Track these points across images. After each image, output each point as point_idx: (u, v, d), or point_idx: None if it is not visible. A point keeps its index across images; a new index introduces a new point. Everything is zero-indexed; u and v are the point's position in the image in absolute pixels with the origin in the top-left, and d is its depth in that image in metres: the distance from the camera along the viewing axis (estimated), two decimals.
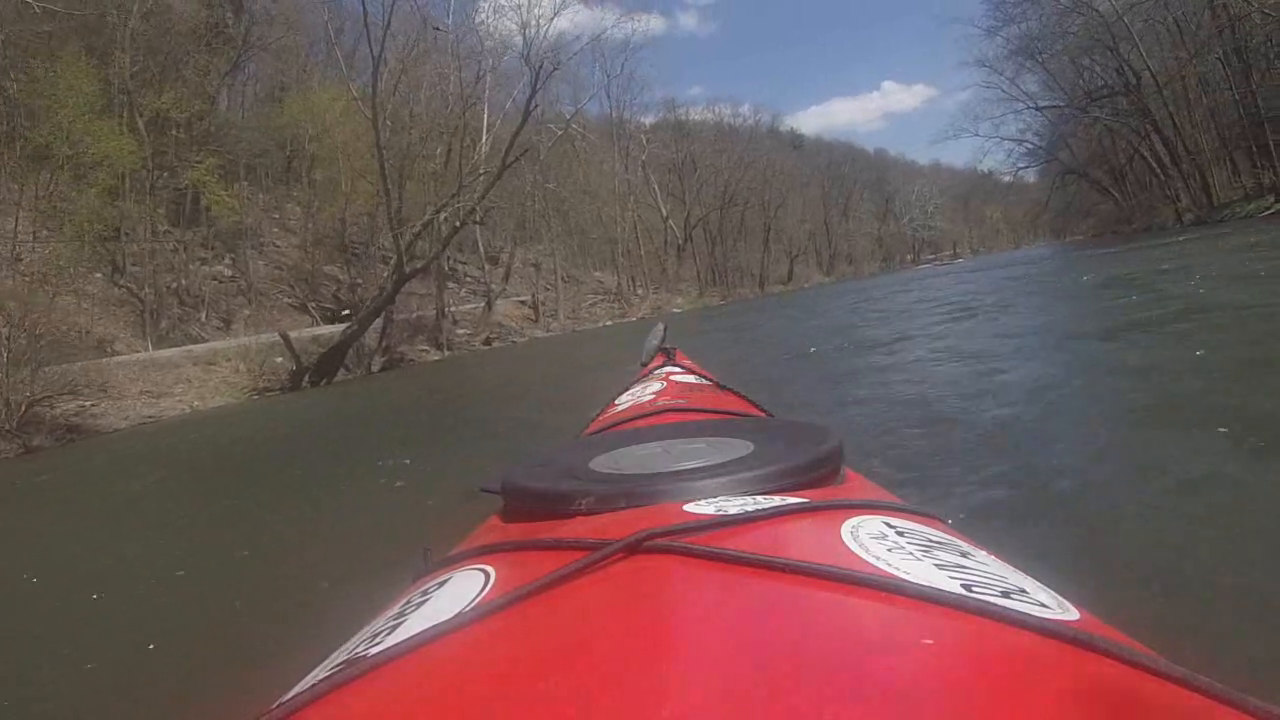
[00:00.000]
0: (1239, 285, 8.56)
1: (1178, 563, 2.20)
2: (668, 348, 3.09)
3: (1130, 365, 5.15)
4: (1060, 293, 13.24)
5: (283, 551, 4.33)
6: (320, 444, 9.11)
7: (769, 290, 68.09)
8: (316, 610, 2.98)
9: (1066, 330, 8.03)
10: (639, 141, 65.62)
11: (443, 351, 29.30)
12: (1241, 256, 12.34)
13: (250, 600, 3.47)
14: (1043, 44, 48.15)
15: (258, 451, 9.58)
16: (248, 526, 5.08)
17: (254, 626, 3.07)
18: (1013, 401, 4.70)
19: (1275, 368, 4.41)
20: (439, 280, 32.09)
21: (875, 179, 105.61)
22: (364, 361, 23.37)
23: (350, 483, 5.93)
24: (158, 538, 5.25)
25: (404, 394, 14.95)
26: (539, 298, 41.73)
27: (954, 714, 0.41)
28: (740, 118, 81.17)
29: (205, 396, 18.88)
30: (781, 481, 0.89)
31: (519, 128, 25.96)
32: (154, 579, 4.00)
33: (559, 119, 44.56)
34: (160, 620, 3.32)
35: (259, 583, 3.76)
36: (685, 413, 1.66)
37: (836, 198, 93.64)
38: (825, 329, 13.62)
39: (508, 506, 1.04)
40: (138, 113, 30.43)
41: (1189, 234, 26.52)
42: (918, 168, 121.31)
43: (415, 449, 7.08)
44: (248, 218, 36.32)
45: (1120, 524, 2.58)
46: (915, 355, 7.71)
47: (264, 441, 10.43)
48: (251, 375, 20.33)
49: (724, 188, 69.40)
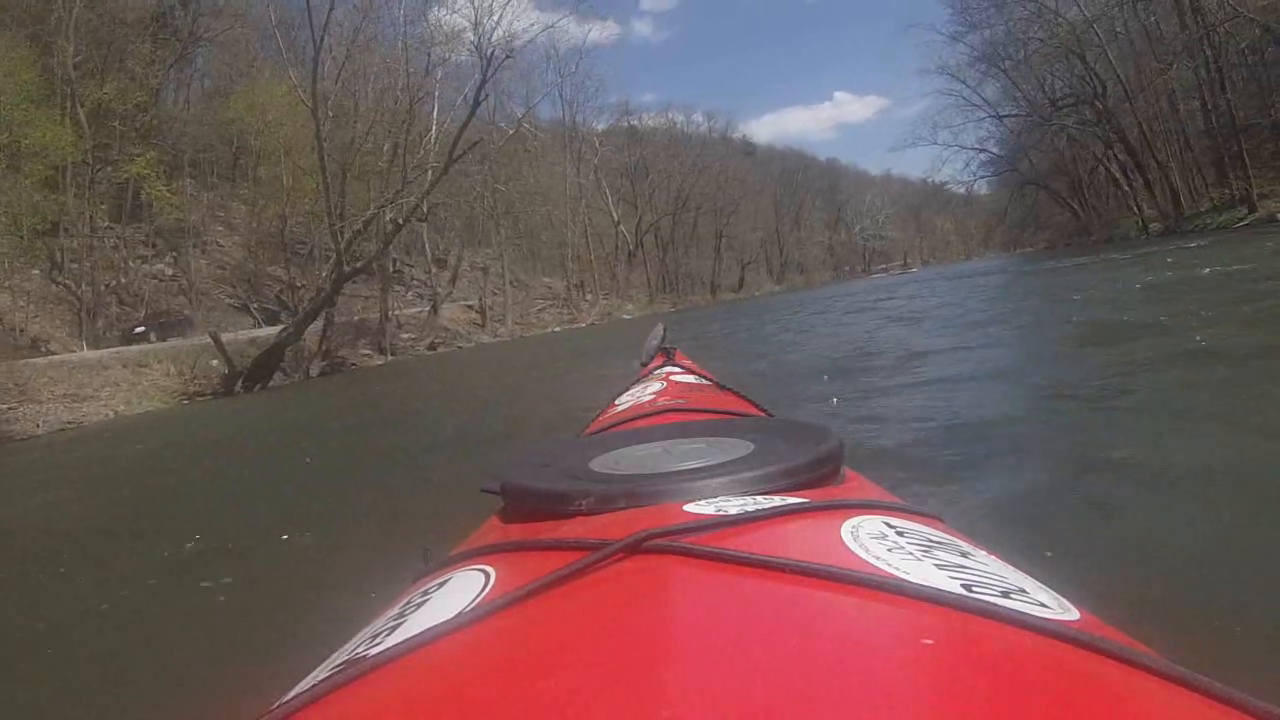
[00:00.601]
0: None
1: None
2: (668, 348, 3.09)
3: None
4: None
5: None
6: (226, 471, 7.91)
7: (720, 298, 68.53)
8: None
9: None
10: (592, 145, 65.59)
11: (386, 356, 28.98)
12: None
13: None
14: (1007, 50, 48.29)
15: (143, 482, 7.93)
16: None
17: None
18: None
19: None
20: (383, 282, 31.82)
21: (827, 187, 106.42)
22: (302, 365, 23.02)
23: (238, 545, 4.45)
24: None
25: (337, 404, 14.41)
26: (487, 302, 41.47)
27: (954, 714, 0.41)
28: (694, 124, 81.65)
29: (132, 401, 18.28)
30: (781, 481, 0.90)
31: (467, 118, 25.53)
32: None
33: (510, 119, 44.28)
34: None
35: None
36: (685, 413, 1.67)
37: (789, 205, 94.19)
38: (814, 343, 12.30)
39: (508, 506, 1.05)
40: (79, 103, 29.79)
41: (1158, 245, 25.89)
42: (870, 178, 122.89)
43: (328, 496, 5.52)
44: (191, 215, 35.79)
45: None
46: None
47: (161, 464, 9.02)
48: (183, 379, 19.74)
49: (676, 193, 69.63)
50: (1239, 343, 5.57)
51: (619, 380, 2.73)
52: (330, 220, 23.36)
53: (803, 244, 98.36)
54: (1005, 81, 50.89)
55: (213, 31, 40.24)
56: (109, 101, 31.13)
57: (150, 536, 5.01)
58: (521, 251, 53.16)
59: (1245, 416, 3.58)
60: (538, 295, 50.57)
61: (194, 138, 38.31)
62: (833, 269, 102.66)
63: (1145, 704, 0.46)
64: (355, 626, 0.77)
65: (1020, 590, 0.60)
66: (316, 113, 21.96)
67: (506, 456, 1.30)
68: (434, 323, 34.73)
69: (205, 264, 36.93)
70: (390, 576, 1.20)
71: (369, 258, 24.86)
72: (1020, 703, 0.43)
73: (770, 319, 21.21)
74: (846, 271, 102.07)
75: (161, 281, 34.79)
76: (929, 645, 0.49)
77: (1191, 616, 1.83)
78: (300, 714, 0.53)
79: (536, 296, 50.04)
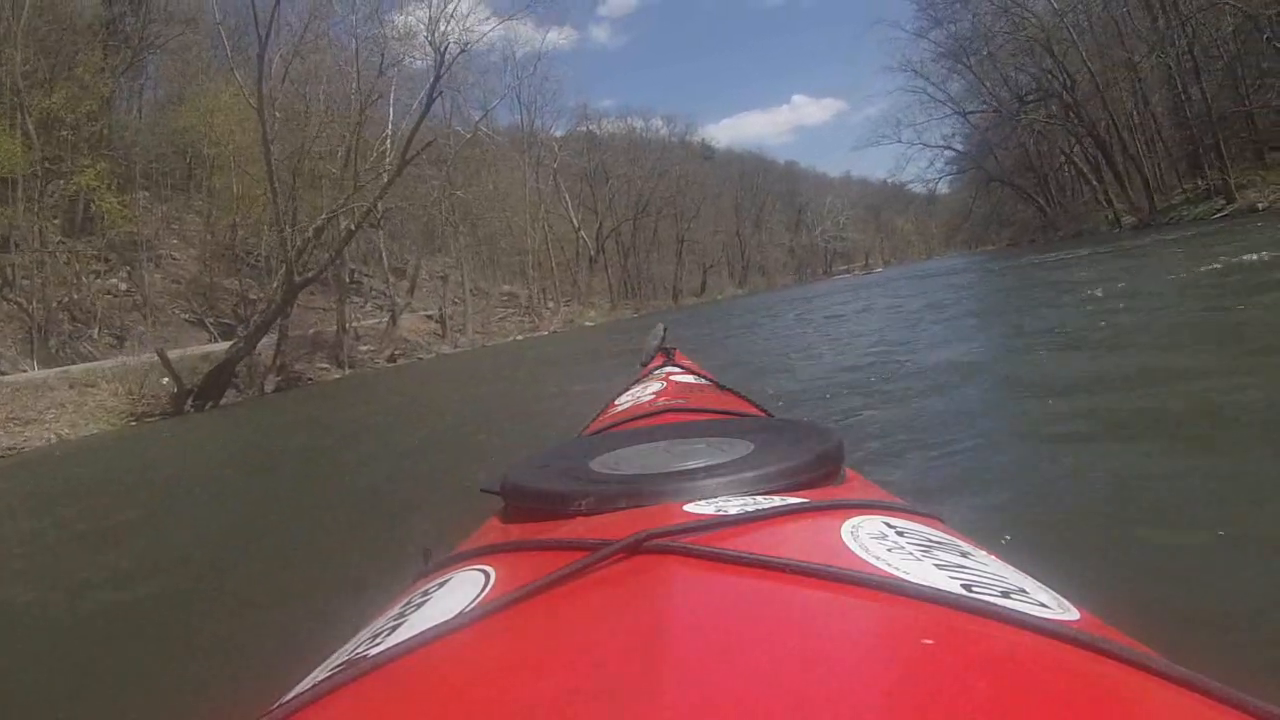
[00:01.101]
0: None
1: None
2: (668, 348, 3.13)
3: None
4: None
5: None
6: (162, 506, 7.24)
7: (683, 302, 68.43)
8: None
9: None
10: (551, 149, 65.20)
11: (344, 370, 28.64)
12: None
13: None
14: (974, 45, 48.13)
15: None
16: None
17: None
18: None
19: None
20: (340, 293, 31.41)
21: (786, 190, 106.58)
22: (256, 382, 22.69)
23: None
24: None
25: (289, 422, 14.08)
26: (446, 311, 41.10)
27: (954, 714, 0.41)
28: (653, 129, 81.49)
29: (77, 424, 17.77)
30: (781, 481, 0.90)
31: (421, 114, 25.16)
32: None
33: (467, 123, 43.91)
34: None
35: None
36: (685, 413, 1.68)
37: (749, 208, 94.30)
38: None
39: (508, 507, 1.06)
40: (27, 113, 29.17)
41: (1133, 239, 25.49)
42: (829, 179, 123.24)
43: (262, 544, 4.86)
44: (145, 228, 35.15)
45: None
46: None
47: (88, 504, 8.09)
48: (130, 399, 19.19)
49: (637, 198, 69.47)
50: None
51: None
52: (280, 227, 22.45)
53: (764, 247, 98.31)
54: (970, 78, 50.90)
55: (164, 38, 39.50)
56: (58, 110, 30.44)
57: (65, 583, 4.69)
58: (481, 259, 52.75)
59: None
60: (498, 303, 50.20)
61: (146, 148, 37.60)
62: (794, 271, 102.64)
63: (1146, 704, 0.46)
64: (355, 626, 0.77)
65: (1020, 590, 0.61)
66: (262, 113, 21.04)
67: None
68: (393, 334, 34.33)
69: (160, 278, 36.26)
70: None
71: (322, 267, 23.84)
72: (1020, 703, 0.43)
73: (737, 324, 21.14)
74: (809, 274, 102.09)
75: (115, 297, 34.14)
76: (929, 645, 0.49)
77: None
78: (300, 714, 0.53)
79: (497, 304, 49.67)
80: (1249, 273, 9.53)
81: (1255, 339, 5.44)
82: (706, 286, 78.64)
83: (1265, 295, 7.41)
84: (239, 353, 20.39)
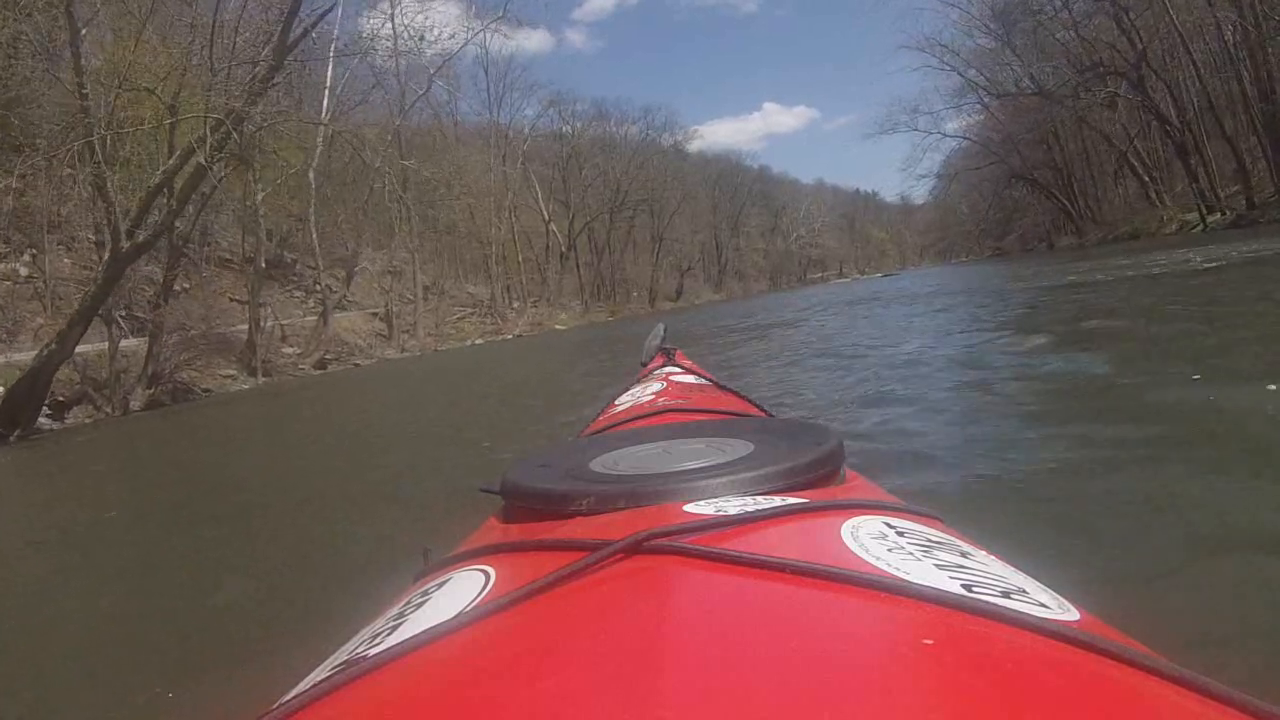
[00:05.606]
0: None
1: None
2: (668, 348, 3.04)
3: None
4: None
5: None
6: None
7: (659, 307, 63.45)
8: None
9: None
10: (520, 132, 59.30)
11: (257, 378, 22.61)
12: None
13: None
14: (1015, 16, 42.27)
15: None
16: None
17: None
18: None
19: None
20: (254, 280, 24.98)
21: (761, 194, 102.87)
22: (119, 396, 16.44)
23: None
24: None
25: (111, 469, 8.37)
26: (394, 310, 34.76)
27: (954, 714, 0.41)
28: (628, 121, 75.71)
29: None
30: (781, 482, 0.90)
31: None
32: None
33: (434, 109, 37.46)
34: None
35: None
36: (685, 413, 1.66)
37: (727, 211, 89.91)
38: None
39: (508, 507, 1.05)
40: None
41: (1245, 242, 17.42)
42: (801, 186, 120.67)
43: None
44: (64, 207, 28.79)
45: None
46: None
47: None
48: None
49: (614, 191, 64.17)
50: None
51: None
52: (97, 171, 15.34)
53: (741, 251, 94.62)
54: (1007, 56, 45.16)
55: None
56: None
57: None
58: (440, 252, 46.52)
59: None
60: (457, 302, 43.88)
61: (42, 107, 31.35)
62: (770, 277, 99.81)
63: (1146, 704, 0.46)
64: (355, 626, 0.76)
65: (1020, 590, 0.61)
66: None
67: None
68: (325, 334, 28.00)
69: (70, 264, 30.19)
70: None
71: (161, 225, 16.33)
72: (1021, 703, 0.43)
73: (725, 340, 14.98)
74: (784, 280, 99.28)
75: (16, 284, 28.28)
76: (929, 645, 0.49)
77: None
78: (300, 714, 0.53)
79: (456, 304, 43.37)
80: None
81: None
82: (683, 291, 74.27)
83: None
84: (51, 358, 13.90)
